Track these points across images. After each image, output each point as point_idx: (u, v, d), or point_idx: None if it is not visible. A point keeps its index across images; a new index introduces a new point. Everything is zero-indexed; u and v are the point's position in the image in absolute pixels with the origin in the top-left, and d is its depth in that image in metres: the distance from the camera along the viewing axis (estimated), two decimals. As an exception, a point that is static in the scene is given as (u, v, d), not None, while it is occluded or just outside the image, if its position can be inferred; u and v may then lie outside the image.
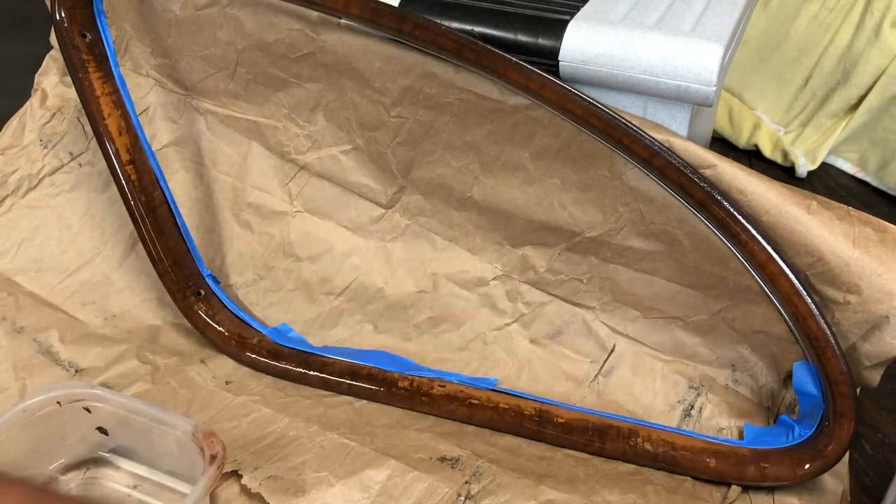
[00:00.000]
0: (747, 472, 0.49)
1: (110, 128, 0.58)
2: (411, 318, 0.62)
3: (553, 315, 0.60)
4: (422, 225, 0.62)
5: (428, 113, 0.56)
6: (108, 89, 0.59)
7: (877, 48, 0.76)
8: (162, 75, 0.67)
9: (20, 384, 0.55)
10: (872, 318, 0.46)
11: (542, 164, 0.54)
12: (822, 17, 0.80)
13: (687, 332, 0.56)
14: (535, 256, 0.59)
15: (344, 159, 0.63)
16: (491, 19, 0.51)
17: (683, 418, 0.55)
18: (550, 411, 0.54)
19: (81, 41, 0.57)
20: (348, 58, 0.57)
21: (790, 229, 0.45)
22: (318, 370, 0.58)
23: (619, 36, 0.48)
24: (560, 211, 0.56)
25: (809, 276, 0.46)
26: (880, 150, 0.81)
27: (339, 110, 0.61)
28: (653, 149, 0.45)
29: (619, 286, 0.57)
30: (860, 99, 0.79)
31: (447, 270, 0.62)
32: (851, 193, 0.82)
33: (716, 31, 0.47)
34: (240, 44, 0.61)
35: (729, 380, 0.56)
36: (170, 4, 0.62)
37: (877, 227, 0.46)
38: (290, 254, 0.65)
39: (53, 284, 0.64)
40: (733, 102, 0.87)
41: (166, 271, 0.60)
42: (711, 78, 0.46)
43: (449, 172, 0.58)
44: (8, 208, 0.67)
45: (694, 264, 0.53)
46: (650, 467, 0.51)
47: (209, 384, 0.56)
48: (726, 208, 0.45)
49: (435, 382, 0.56)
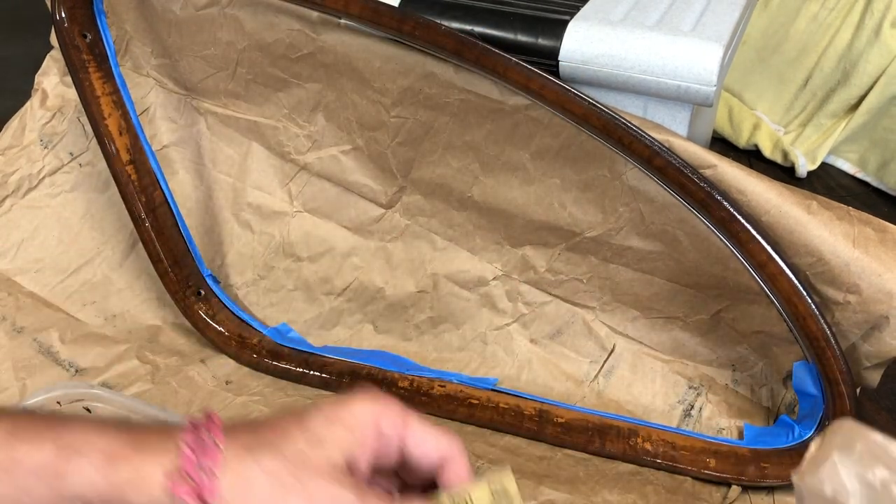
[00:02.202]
0: (747, 472, 0.49)
1: (110, 128, 0.58)
2: (411, 318, 0.62)
3: (553, 315, 0.60)
4: (422, 225, 0.62)
5: (428, 113, 0.56)
6: (109, 89, 0.59)
7: (877, 48, 0.76)
8: (162, 75, 0.67)
9: (20, 384, 0.55)
10: (872, 318, 0.46)
11: (542, 164, 0.54)
12: (822, 17, 0.80)
13: (687, 332, 0.56)
14: (535, 256, 0.59)
15: (344, 159, 0.63)
16: (491, 19, 0.51)
17: (683, 418, 0.55)
18: (550, 411, 0.54)
19: (81, 41, 0.57)
20: (348, 58, 0.57)
21: (790, 229, 0.45)
22: (318, 370, 0.58)
23: (619, 36, 0.48)
24: (560, 211, 0.56)
25: (809, 276, 0.46)
26: (880, 150, 0.81)
27: (339, 110, 0.61)
28: (653, 149, 0.45)
29: (619, 286, 0.57)
30: (860, 99, 0.79)
31: (447, 270, 0.62)
32: (851, 193, 0.82)
33: (716, 31, 0.47)
34: (240, 44, 0.61)
35: (729, 380, 0.56)
36: (170, 4, 0.62)
37: (877, 227, 0.46)
38: (290, 254, 0.65)
39: (53, 284, 0.64)
40: (733, 102, 0.87)
41: (166, 271, 0.60)
42: (711, 78, 0.46)
43: (449, 172, 0.58)
44: (8, 208, 0.67)
45: (694, 264, 0.53)
46: (650, 467, 0.51)
47: (209, 384, 0.56)
48: (726, 208, 0.45)
49: (435, 382, 0.56)
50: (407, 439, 0.30)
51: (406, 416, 0.30)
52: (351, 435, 0.28)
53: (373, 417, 0.29)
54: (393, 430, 0.29)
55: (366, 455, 0.28)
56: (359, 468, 0.28)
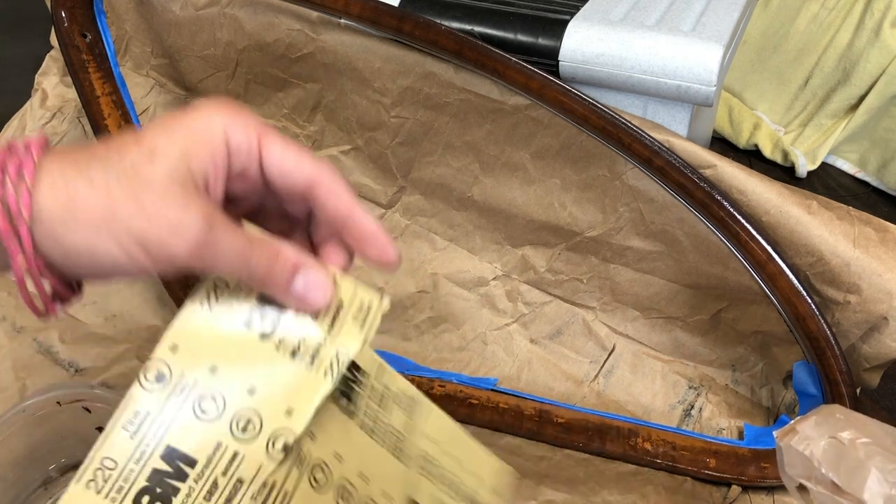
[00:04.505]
0: (747, 472, 0.49)
1: (110, 128, 0.58)
2: (411, 318, 0.62)
3: (553, 315, 0.59)
4: (422, 225, 0.62)
5: (428, 113, 0.56)
6: (108, 89, 0.59)
7: (877, 48, 0.76)
8: (162, 75, 0.67)
9: (20, 384, 0.55)
10: (872, 318, 0.46)
11: (542, 164, 0.54)
12: (822, 17, 0.80)
13: (687, 332, 0.56)
14: (535, 256, 0.59)
15: (344, 159, 0.63)
16: (491, 19, 0.51)
17: (683, 418, 0.55)
18: (550, 411, 0.53)
19: (81, 41, 0.57)
20: (348, 58, 0.57)
21: (790, 229, 0.45)
22: (318, 370, 0.58)
23: (619, 36, 0.48)
24: (560, 211, 0.56)
25: (809, 276, 0.46)
26: (880, 150, 0.81)
27: (339, 110, 0.61)
28: (653, 149, 0.45)
29: (619, 286, 0.57)
30: (860, 99, 0.79)
31: (447, 270, 0.62)
32: (851, 193, 0.82)
33: (716, 31, 0.47)
34: (240, 44, 0.61)
35: (729, 380, 0.56)
36: (170, 4, 0.62)
37: (877, 226, 0.46)
38: (290, 254, 0.65)
39: (53, 284, 0.64)
40: (733, 102, 0.87)
41: (166, 271, 0.59)
42: (711, 78, 0.46)
43: (449, 172, 0.58)
44: (8, 208, 0.67)
45: (694, 264, 0.53)
46: (650, 467, 0.51)
47: (209, 384, 0.56)
48: (726, 208, 0.45)
49: (435, 382, 0.56)
50: (265, 157, 0.26)
51: (261, 128, 0.26)
52: (195, 147, 0.24)
53: (221, 126, 0.25)
54: (245, 142, 0.25)
55: (217, 173, 0.25)
56: (211, 189, 0.25)
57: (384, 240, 0.28)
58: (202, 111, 0.25)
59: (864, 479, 0.31)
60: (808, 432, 0.33)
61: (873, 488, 0.31)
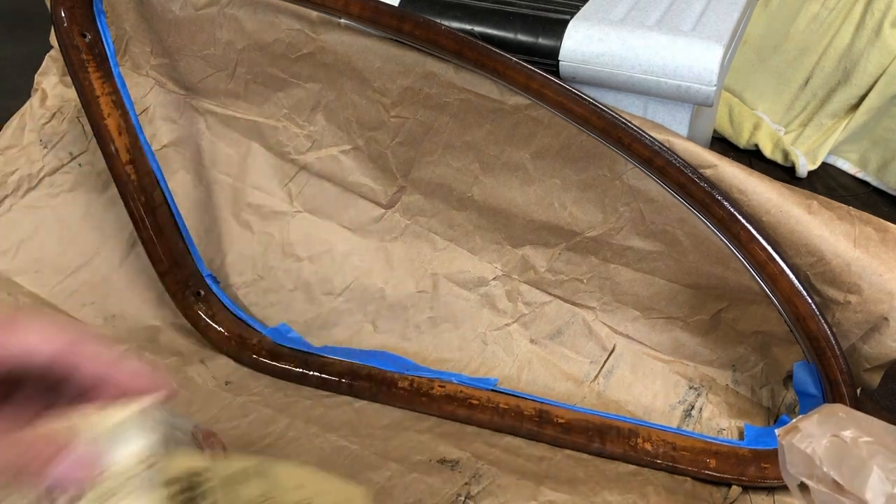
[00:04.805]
0: (747, 472, 0.49)
1: (110, 128, 0.58)
2: (411, 318, 0.62)
3: (553, 315, 0.59)
4: (422, 225, 0.62)
5: (428, 113, 0.56)
6: (108, 89, 0.59)
7: (877, 48, 0.76)
8: (162, 75, 0.67)
9: (20, 384, 0.55)
10: (873, 318, 0.46)
11: (542, 164, 0.54)
12: (822, 17, 0.80)
13: (687, 332, 0.56)
14: (535, 256, 0.59)
15: (344, 159, 0.63)
16: (491, 19, 0.51)
17: (684, 419, 0.55)
18: (550, 412, 0.53)
19: (81, 41, 0.57)
20: (348, 58, 0.57)
21: (791, 229, 0.45)
22: (317, 370, 0.58)
23: (619, 36, 0.48)
24: (560, 211, 0.56)
25: (810, 277, 0.46)
26: (881, 149, 0.81)
27: (339, 110, 0.61)
28: (653, 149, 0.45)
29: (619, 286, 0.57)
30: (860, 99, 0.79)
31: (447, 270, 0.61)
32: (852, 193, 0.82)
33: (716, 31, 0.47)
34: (240, 44, 0.61)
35: (729, 380, 0.56)
36: (170, 4, 0.62)
37: (877, 226, 0.46)
38: (290, 254, 0.65)
39: (53, 285, 0.64)
40: (733, 102, 0.87)
41: (166, 271, 0.59)
42: (711, 78, 0.46)
43: (449, 172, 0.58)
44: (8, 208, 0.67)
45: (694, 264, 0.53)
46: (650, 468, 0.51)
47: (209, 384, 0.56)
48: (726, 208, 0.45)
49: (435, 383, 0.56)
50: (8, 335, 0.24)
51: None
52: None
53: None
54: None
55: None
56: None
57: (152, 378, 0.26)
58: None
59: (865, 478, 0.31)
60: (811, 430, 0.33)
61: (875, 487, 0.31)
